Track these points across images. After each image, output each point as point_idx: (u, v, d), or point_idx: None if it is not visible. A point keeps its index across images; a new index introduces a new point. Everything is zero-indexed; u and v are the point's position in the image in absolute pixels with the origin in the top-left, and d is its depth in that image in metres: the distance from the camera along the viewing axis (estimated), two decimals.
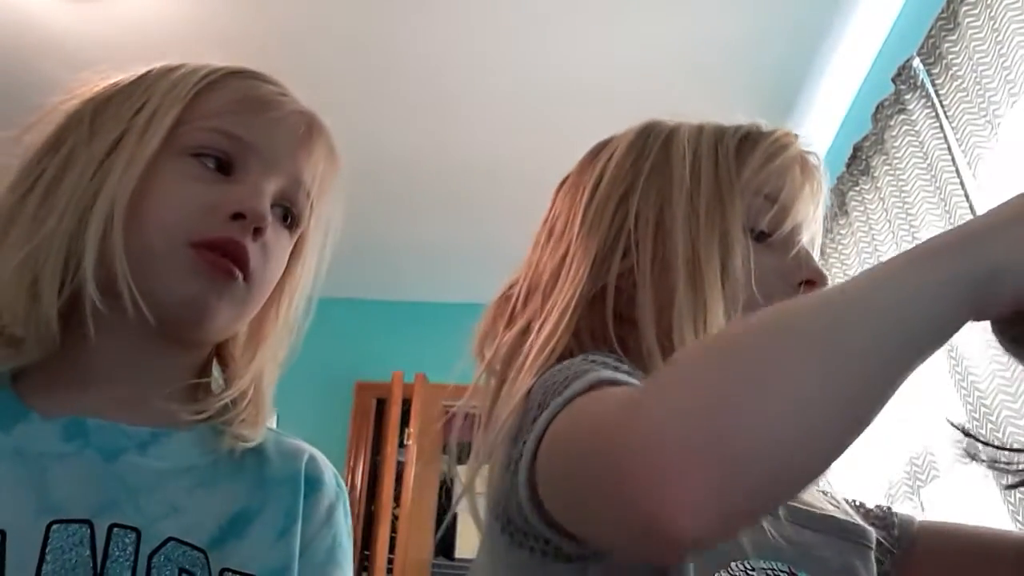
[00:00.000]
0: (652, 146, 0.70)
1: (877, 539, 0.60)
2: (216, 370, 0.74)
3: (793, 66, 2.18)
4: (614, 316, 0.63)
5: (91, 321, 0.63)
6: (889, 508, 0.68)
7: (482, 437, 0.62)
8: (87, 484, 0.60)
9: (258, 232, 0.67)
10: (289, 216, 0.72)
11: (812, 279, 0.66)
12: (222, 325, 0.69)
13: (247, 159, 0.69)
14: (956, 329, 0.39)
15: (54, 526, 0.57)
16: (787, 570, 0.51)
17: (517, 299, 0.68)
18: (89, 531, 0.58)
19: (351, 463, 3.10)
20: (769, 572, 0.50)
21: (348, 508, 0.74)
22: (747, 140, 0.69)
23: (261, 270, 0.69)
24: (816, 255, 0.71)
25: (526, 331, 0.65)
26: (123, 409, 0.64)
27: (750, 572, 0.50)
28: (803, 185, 0.69)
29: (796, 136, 0.71)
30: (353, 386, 3.18)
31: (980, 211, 1.56)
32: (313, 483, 0.70)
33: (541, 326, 0.63)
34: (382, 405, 3.15)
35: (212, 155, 0.68)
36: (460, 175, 2.52)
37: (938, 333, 0.38)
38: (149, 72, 0.72)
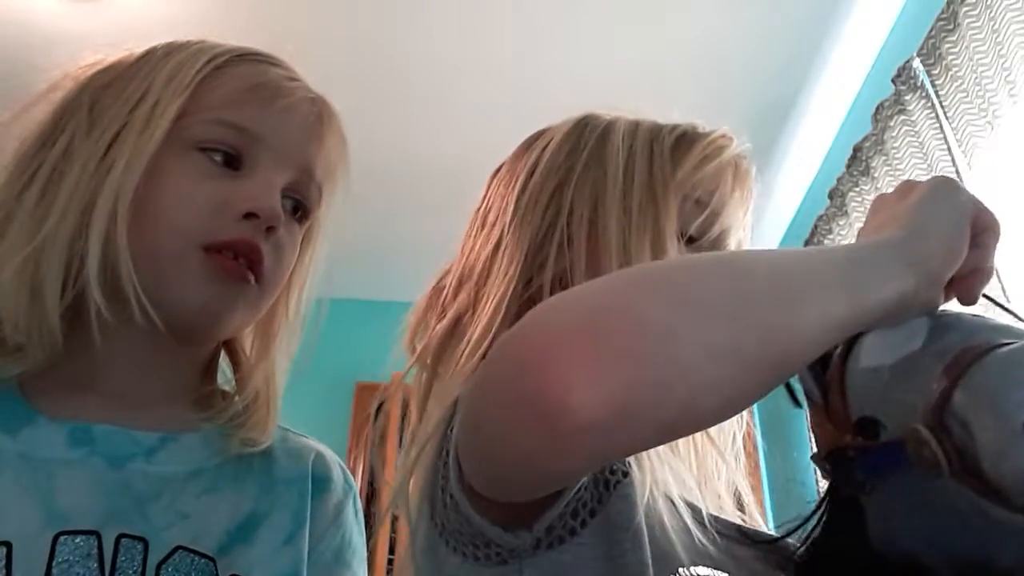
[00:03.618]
0: (588, 139, 0.68)
1: None
2: (224, 362, 0.72)
3: (793, 66, 2.18)
4: None
5: (96, 326, 0.60)
6: None
7: (413, 433, 0.61)
8: (94, 493, 0.57)
9: (271, 230, 0.64)
10: (299, 208, 0.69)
11: None
12: (234, 328, 0.67)
13: (256, 152, 0.65)
14: (886, 300, 0.42)
15: (61, 538, 0.55)
16: None
17: (448, 289, 0.66)
18: (97, 542, 0.55)
19: (351, 464, 3.09)
20: None
21: (358, 505, 0.71)
22: (683, 140, 0.67)
23: (273, 269, 0.66)
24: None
25: (457, 323, 0.63)
26: (130, 412, 0.62)
27: None
28: (734, 190, 0.68)
29: (732, 138, 0.70)
30: (353, 387, 3.18)
31: None
32: (321, 483, 0.68)
33: (475, 321, 0.61)
34: (383, 406, 3.14)
35: (219, 149, 0.64)
36: (462, 175, 2.52)
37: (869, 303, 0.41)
38: (150, 54, 0.67)
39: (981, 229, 0.49)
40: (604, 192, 0.64)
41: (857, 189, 2.03)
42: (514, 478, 0.41)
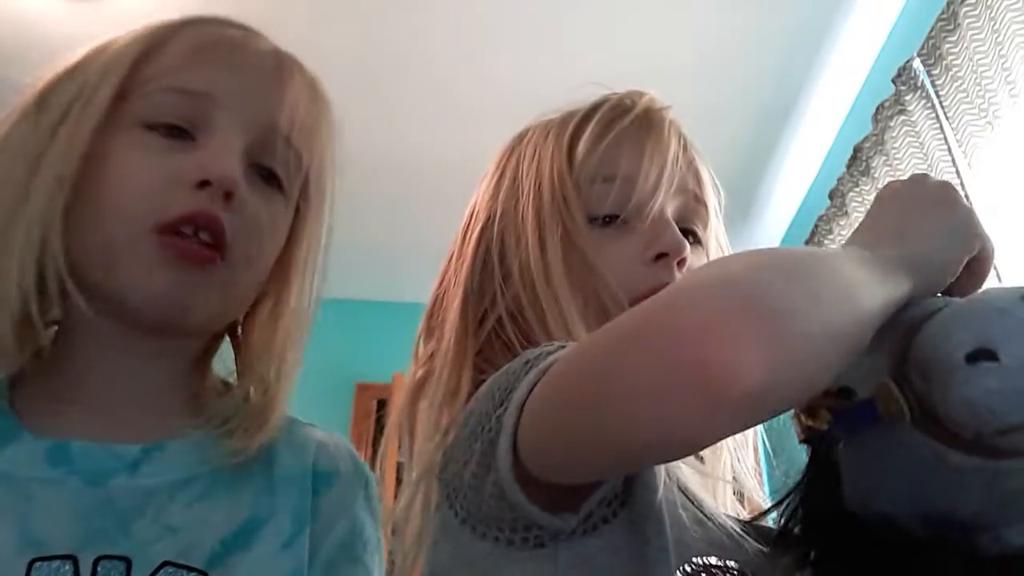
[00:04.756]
0: (507, 167, 0.69)
1: None
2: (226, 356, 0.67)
3: (793, 67, 2.18)
4: (522, 349, 0.61)
5: (40, 327, 0.56)
6: None
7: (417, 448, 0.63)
8: (71, 515, 0.54)
9: (229, 197, 0.58)
10: (274, 176, 0.62)
11: (665, 252, 0.62)
12: (207, 316, 0.61)
13: (208, 116, 0.59)
14: (899, 295, 0.45)
15: (36, 564, 0.52)
16: (739, 570, 0.50)
17: (423, 328, 0.70)
18: (73, 568, 0.52)
19: None
20: (725, 570, 0.50)
21: (372, 492, 0.67)
22: (580, 127, 0.67)
23: (243, 242, 0.59)
24: (707, 195, 0.68)
25: (431, 356, 0.65)
26: (114, 423, 0.58)
27: (711, 569, 0.49)
28: (644, 146, 0.65)
29: (633, 101, 0.69)
30: (353, 387, 3.18)
31: (978, 209, 1.56)
32: (324, 477, 0.64)
33: (440, 358, 0.64)
34: (382, 406, 3.14)
35: (168, 121, 0.58)
36: (461, 176, 2.52)
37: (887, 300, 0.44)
38: (96, 45, 0.63)
39: (979, 258, 0.50)
40: (525, 212, 0.65)
41: (857, 189, 2.03)
42: (629, 450, 0.41)
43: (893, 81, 1.83)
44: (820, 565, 0.48)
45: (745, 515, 0.62)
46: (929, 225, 0.49)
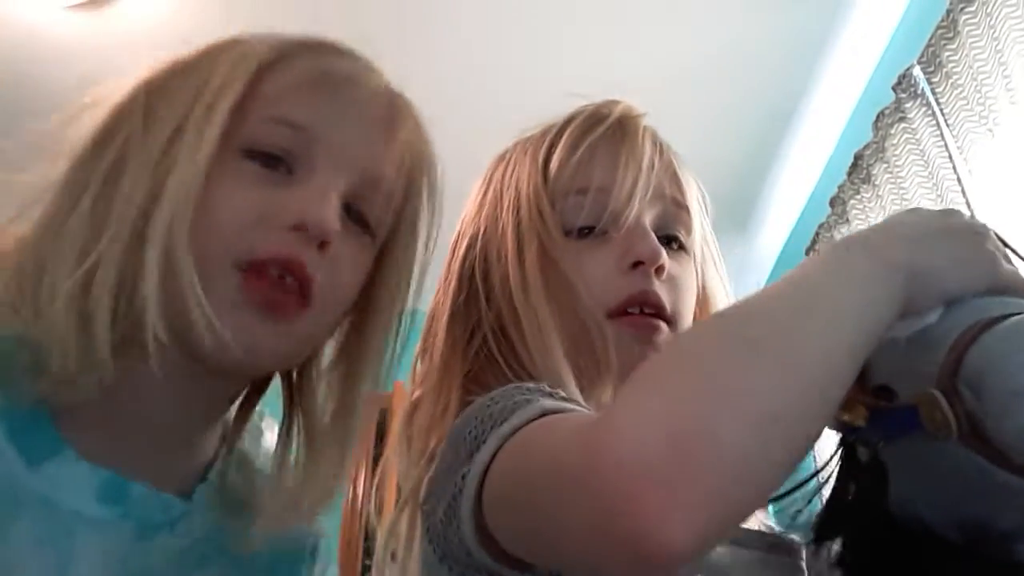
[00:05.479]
0: (490, 185, 0.70)
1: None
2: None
3: (794, 75, 2.18)
4: (507, 367, 0.61)
5: (144, 353, 0.50)
6: None
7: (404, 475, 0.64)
8: (113, 567, 0.50)
9: (324, 247, 0.54)
10: (363, 219, 0.59)
11: (641, 260, 0.62)
12: (276, 362, 0.58)
13: (312, 153, 0.55)
14: (890, 322, 0.41)
15: None
16: None
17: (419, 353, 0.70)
18: None
19: (352, 474, 3.08)
20: None
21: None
22: (555, 142, 0.67)
23: (328, 292, 0.55)
24: (689, 200, 0.67)
25: (425, 376, 0.66)
26: (161, 463, 0.54)
27: None
28: (618, 155, 0.65)
29: (605, 112, 0.68)
30: None
31: (979, 215, 1.56)
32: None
33: (428, 376, 0.64)
34: (384, 416, 3.14)
35: (267, 151, 0.55)
36: (459, 182, 2.52)
37: (876, 328, 0.40)
38: (210, 48, 0.59)
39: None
40: (506, 231, 0.65)
41: (859, 197, 2.03)
42: (582, 566, 0.41)
43: (893, 89, 1.83)
44: (854, 563, 0.47)
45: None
46: (943, 246, 0.45)
